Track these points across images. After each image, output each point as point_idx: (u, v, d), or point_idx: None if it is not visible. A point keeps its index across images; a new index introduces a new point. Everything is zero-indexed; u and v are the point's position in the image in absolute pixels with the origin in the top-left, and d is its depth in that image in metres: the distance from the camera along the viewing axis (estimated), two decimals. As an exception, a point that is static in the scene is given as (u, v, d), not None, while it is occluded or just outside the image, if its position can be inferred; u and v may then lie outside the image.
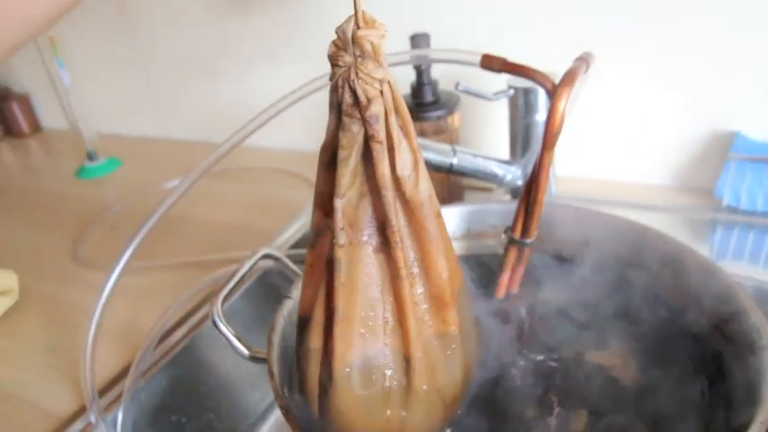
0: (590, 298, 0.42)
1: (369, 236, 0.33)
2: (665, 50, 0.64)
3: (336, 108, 0.30)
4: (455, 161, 0.59)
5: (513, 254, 0.44)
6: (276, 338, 0.38)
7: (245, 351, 0.40)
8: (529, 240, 0.42)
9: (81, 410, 0.49)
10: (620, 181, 0.73)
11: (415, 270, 0.34)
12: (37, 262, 0.73)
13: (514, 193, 0.64)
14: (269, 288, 0.62)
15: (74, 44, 1.02)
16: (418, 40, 0.61)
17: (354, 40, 0.29)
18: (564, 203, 0.54)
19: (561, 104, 0.39)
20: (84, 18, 0.94)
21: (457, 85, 0.56)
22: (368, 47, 0.29)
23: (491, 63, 0.49)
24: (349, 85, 0.29)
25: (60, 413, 0.50)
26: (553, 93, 0.40)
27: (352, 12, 0.28)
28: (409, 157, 0.32)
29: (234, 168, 0.93)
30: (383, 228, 0.32)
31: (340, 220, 0.31)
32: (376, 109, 0.30)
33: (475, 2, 0.71)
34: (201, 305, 0.59)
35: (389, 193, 0.31)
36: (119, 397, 0.50)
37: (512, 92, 0.59)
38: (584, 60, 0.44)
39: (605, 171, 0.73)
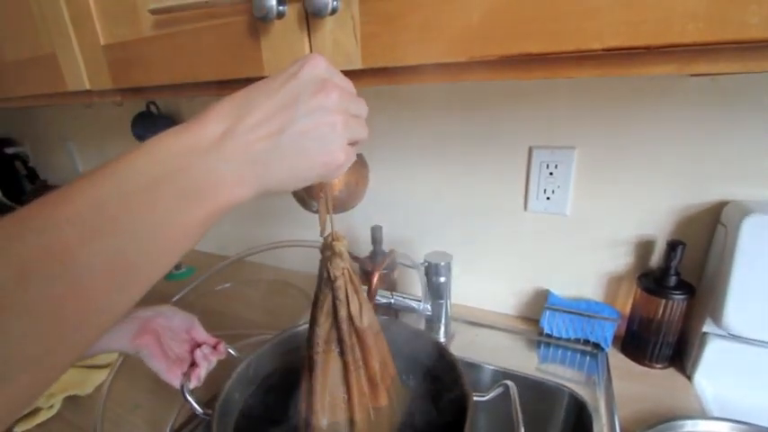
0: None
1: (335, 348, 0.37)
2: (518, 250, 0.69)
3: (322, 279, 0.35)
4: (392, 301, 0.63)
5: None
6: (218, 407, 0.39)
7: (200, 410, 0.41)
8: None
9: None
10: (488, 310, 0.75)
11: (360, 366, 0.37)
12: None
13: (427, 318, 0.66)
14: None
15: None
16: (375, 229, 0.66)
17: (329, 247, 0.34)
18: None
19: (374, 279, 0.47)
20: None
21: (395, 254, 0.61)
22: (336, 250, 0.34)
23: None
24: (327, 269, 0.34)
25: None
26: (372, 272, 0.47)
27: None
28: (357, 305, 0.35)
29: (257, 280, 0.92)
30: (342, 343, 0.36)
31: (318, 338, 0.35)
32: (338, 283, 0.34)
33: (406, 208, 0.76)
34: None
35: (344, 325, 0.35)
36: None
37: (426, 263, 0.62)
38: (387, 256, 0.54)
39: (479, 303, 0.76)
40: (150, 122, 0.92)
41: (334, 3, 0.34)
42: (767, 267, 0.47)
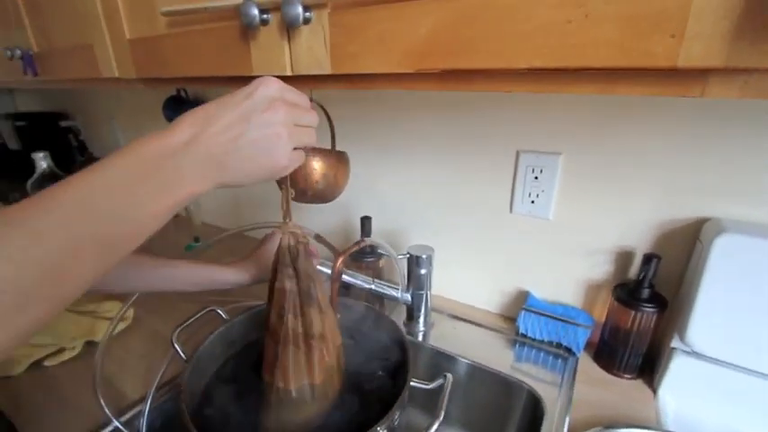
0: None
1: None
2: (501, 250, 0.71)
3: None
4: (373, 287, 0.66)
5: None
6: (195, 355, 0.45)
7: (184, 357, 0.48)
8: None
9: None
10: (470, 305, 0.77)
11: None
12: (148, 299, 0.67)
13: (407, 306, 0.70)
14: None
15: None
16: (364, 220, 0.70)
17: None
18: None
19: (338, 262, 0.49)
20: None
21: (377, 246, 0.66)
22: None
23: (319, 240, 0.58)
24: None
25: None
26: (336, 256, 0.50)
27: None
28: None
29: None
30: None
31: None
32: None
33: (395, 199, 0.79)
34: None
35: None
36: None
37: (408, 254, 0.65)
38: (357, 243, 0.55)
39: (463, 298, 0.78)
40: (179, 105, 1.01)
41: (307, 14, 0.38)
42: (734, 288, 0.47)
